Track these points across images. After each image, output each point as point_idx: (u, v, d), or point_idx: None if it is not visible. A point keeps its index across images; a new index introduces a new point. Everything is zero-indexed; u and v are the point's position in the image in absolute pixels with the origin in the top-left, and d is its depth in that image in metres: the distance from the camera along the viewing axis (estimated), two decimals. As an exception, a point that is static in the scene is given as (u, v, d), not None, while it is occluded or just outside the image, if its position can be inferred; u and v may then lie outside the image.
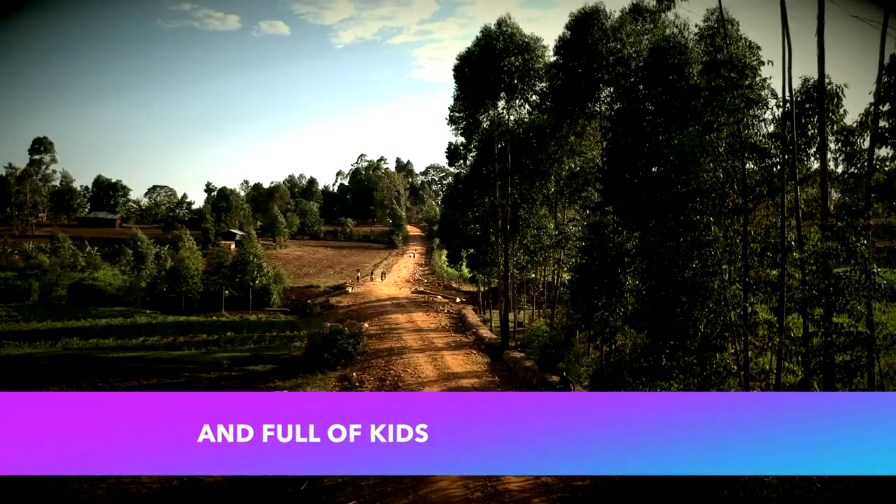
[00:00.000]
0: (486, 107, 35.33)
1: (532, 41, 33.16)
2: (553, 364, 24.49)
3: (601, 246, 18.84)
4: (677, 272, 13.03)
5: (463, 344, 35.06)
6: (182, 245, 73.60)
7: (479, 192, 41.02)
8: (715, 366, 14.08)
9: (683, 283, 13.03)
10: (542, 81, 33.93)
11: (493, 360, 30.77)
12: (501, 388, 24.95)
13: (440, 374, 27.53)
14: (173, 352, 35.43)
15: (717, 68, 14.89)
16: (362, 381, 27.25)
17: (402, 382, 26.21)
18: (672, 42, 18.97)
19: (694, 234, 13.13)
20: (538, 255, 36.09)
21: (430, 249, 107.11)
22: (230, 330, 44.01)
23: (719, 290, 13.32)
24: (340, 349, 30.91)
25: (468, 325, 40.69)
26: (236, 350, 35.82)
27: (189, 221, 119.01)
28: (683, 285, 13.04)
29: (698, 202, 13.29)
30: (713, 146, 14.10)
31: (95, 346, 37.27)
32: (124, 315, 50.99)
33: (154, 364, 32.16)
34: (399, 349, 33.28)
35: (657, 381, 14.74)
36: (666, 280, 13.20)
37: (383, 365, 29.80)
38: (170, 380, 29.24)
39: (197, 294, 57.02)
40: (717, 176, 14.17)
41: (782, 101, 14.70)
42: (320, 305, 54.55)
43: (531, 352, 28.40)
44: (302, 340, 36.52)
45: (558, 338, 25.55)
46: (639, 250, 16.49)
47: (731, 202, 15.03)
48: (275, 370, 30.52)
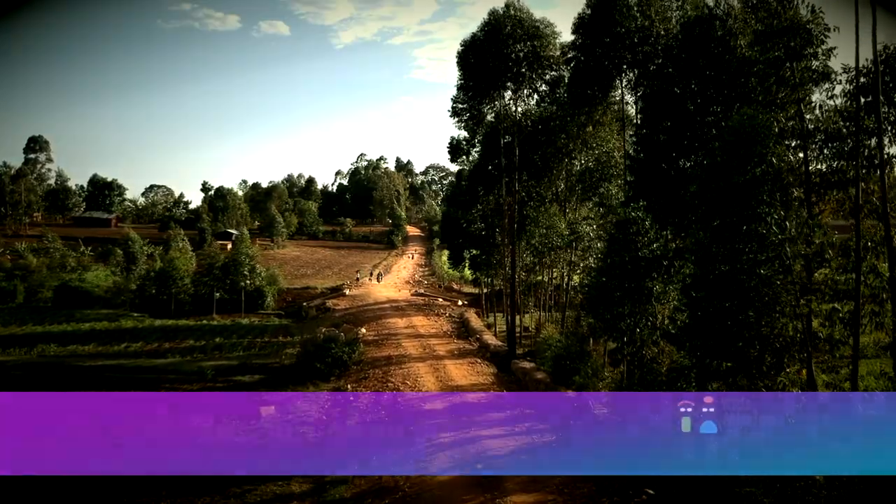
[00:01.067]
0: (491, 97, 32.88)
1: (543, 26, 30.68)
2: (568, 377, 22.08)
3: (629, 246, 16.45)
4: (746, 279, 10.58)
5: (466, 352, 32.62)
6: (173, 245, 71.07)
7: (484, 189, 38.63)
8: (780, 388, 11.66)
9: (750, 292, 10.62)
10: (553, 70, 31.52)
11: (500, 371, 28.31)
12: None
13: (443, 386, 25.09)
14: (156, 360, 33.00)
15: (775, 37, 12.49)
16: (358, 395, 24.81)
17: (402, 397, 23.75)
18: (714, 11, 16.53)
19: (761, 232, 10.72)
20: (547, 257, 33.60)
21: (431, 250, 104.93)
22: (220, 335, 41.55)
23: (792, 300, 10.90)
24: (334, 358, 28.51)
25: (471, 331, 38.25)
26: (223, 358, 33.39)
27: (186, 221, 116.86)
28: (749, 295, 10.63)
29: (765, 192, 10.88)
30: (777, 126, 11.70)
31: (73, 354, 34.83)
32: (110, 318, 48.54)
33: (133, 373, 29.76)
34: (398, 357, 30.85)
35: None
36: (726, 288, 10.74)
37: (381, 376, 27.37)
38: (147, 391, 26.78)
39: (188, 296, 54.63)
40: (787, 160, 11.71)
41: (854, 72, 12.24)
42: (316, 308, 52.12)
43: (542, 362, 25.97)
44: (295, 347, 34.08)
45: (573, 348, 23.07)
46: (677, 252, 14.19)
47: (791, 194, 12.58)
48: (263, 381, 28.12)
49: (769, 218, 10.78)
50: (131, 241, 69.20)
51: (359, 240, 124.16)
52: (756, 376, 11.11)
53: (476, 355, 31.69)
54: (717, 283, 10.88)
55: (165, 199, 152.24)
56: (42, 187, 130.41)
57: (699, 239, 11.58)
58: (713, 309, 10.83)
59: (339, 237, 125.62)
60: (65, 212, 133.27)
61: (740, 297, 10.74)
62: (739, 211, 10.85)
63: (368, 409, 22.69)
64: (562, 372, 22.52)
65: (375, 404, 23.18)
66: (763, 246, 10.76)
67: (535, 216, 33.00)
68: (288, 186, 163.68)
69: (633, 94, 23.61)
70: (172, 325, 45.95)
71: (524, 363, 27.23)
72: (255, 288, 55.70)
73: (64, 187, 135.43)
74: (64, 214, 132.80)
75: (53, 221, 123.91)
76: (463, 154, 41.77)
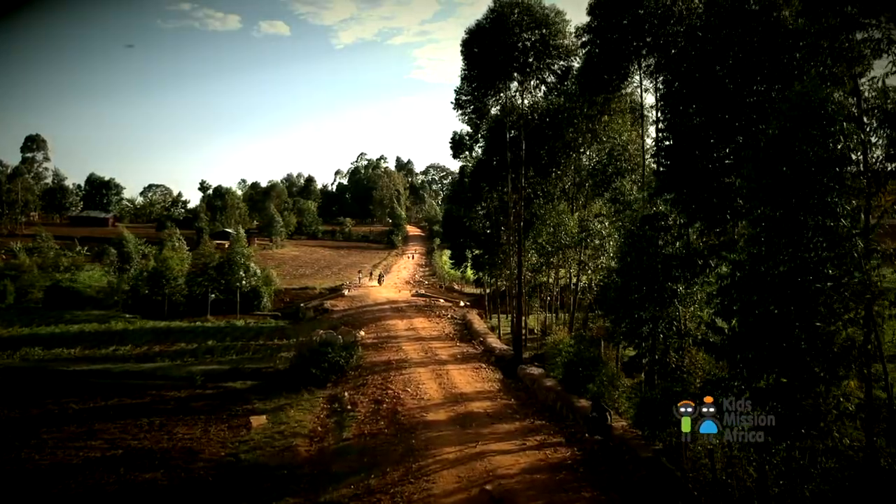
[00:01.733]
0: (496, 89, 31.29)
1: (552, 13, 29.06)
2: (581, 385, 20.43)
3: (653, 243, 14.89)
4: (812, 279, 8.95)
5: (470, 356, 31.01)
6: (168, 244, 69.42)
7: (488, 185, 37.09)
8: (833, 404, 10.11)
9: (818, 295, 9.00)
10: (563, 60, 29.91)
11: (506, 377, 26.68)
12: (519, 412, 20.92)
13: (446, 394, 23.47)
14: (145, 364, 31.37)
15: (829, 4, 10.91)
16: (355, 403, 23.21)
17: (402, 406, 22.16)
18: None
19: (829, 225, 9.08)
20: (556, 256, 31.97)
21: (431, 250, 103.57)
22: (213, 337, 39.94)
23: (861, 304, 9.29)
24: (331, 363, 26.92)
25: (475, 333, 36.63)
26: (215, 362, 31.80)
27: (184, 221, 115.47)
28: (816, 299, 9.02)
29: (834, 178, 9.26)
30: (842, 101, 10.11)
31: (57, 357, 33.24)
32: (100, 320, 46.92)
33: (119, 379, 28.16)
34: (398, 362, 29.25)
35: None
36: (786, 291, 9.09)
37: (380, 382, 25.76)
38: (132, 399, 25.27)
39: (182, 297, 53.06)
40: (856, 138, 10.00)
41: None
42: (313, 310, 50.53)
43: (551, 367, 24.37)
44: (290, 350, 32.48)
45: (586, 353, 21.43)
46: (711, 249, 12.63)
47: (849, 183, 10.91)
48: (255, 387, 26.52)
49: (839, 208, 9.21)
50: (125, 241, 67.66)
51: (358, 239, 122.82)
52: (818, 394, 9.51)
53: (480, 360, 30.10)
54: (774, 285, 9.26)
55: (163, 198, 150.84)
56: (39, 186, 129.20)
57: (751, 234, 9.97)
58: (770, 315, 9.20)
59: (339, 237, 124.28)
60: (62, 211, 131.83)
61: (804, 301, 9.13)
62: (804, 200, 9.24)
63: (366, 420, 21.11)
64: (574, 379, 20.88)
65: (374, 414, 21.59)
66: (832, 241, 9.17)
67: (543, 214, 31.41)
68: (287, 186, 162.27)
69: (652, 80, 22.03)
70: (165, 327, 44.36)
71: (532, 369, 25.63)
72: (250, 288, 54.16)
73: (61, 186, 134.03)
74: (61, 214, 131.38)
75: (50, 221, 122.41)
76: (466, 149, 40.22)
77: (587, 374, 20.42)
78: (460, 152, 41.19)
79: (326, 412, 22.76)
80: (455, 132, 40.72)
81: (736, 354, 9.75)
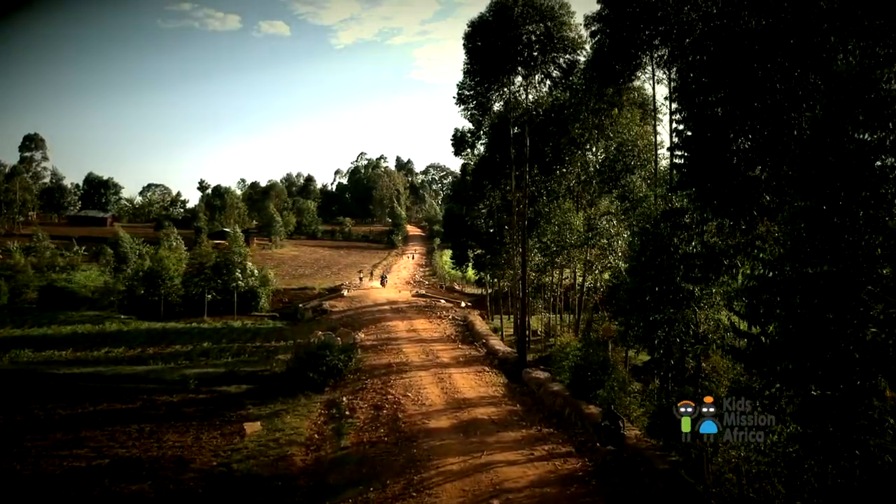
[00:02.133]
0: (500, 83, 30.41)
1: (557, 5, 28.17)
2: (590, 391, 19.51)
3: (671, 241, 13.96)
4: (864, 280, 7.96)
5: (473, 358, 30.08)
6: (164, 243, 68.45)
7: (491, 183, 36.21)
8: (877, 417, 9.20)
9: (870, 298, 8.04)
10: (568, 53, 29.00)
11: (511, 381, 25.75)
12: (525, 419, 19.98)
13: (449, 400, 22.53)
14: (137, 367, 30.41)
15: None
16: (354, 409, 22.27)
17: (403, 412, 21.22)
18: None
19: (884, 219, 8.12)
20: (561, 256, 31.02)
21: (431, 249, 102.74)
22: (209, 339, 38.99)
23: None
24: (329, 366, 25.97)
25: (477, 335, 35.70)
26: (210, 364, 30.83)
27: (183, 220, 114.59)
28: (867, 303, 8.06)
29: (889, 167, 8.30)
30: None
31: (47, 360, 32.28)
32: (94, 321, 45.94)
33: (110, 382, 27.19)
34: (399, 365, 28.31)
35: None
36: (833, 294, 8.11)
37: (380, 386, 24.82)
38: (122, 404, 24.31)
39: (178, 297, 52.11)
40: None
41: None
42: (312, 310, 49.60)
43: (557, 371, 23.44)
44: (287, 353, 31.55)
45: (595, 357, 20.48)
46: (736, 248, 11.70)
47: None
48: (250, 391, 25.57)
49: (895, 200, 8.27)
50: (121, 240, 66.69)
51: (358, 239, 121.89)
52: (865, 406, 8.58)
53: (483, 363, 29.17)
54: (817, 287, 8.30)
55: (162, 198, 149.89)
56: (37, 186, 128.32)
57: (788, 230, 9.02)
58: (813, 320, 8.24)
59: (339, 236, 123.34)
60: (60, 211, 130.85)
61: (853, 304, 8.18)
62: (854, 192, 8.30)
63: (365, 427, 20.18)
64: (582, 384, 19.95)
65: (373, 421, 20.65)
66: (887, 237, 8.22)
67: (547, 212, 30.49)
68: (287, 185, 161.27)
69: (665, 71, 21.10)
70: (160, 329, 43.40)
71: (537, 372, 24.70)
72: (248, 289, 53.21)
73: (59, 186, 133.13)
74: (59, 213, 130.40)
75: (49, 220, 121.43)
76: (468, 147, 39.40)
77: (596, 378, 19.50)
78: (462, 149, 40.34)
79: (324, 418, 21.83)
80: (457, 129, 39.91)
81: (774, 365, 8.80)
